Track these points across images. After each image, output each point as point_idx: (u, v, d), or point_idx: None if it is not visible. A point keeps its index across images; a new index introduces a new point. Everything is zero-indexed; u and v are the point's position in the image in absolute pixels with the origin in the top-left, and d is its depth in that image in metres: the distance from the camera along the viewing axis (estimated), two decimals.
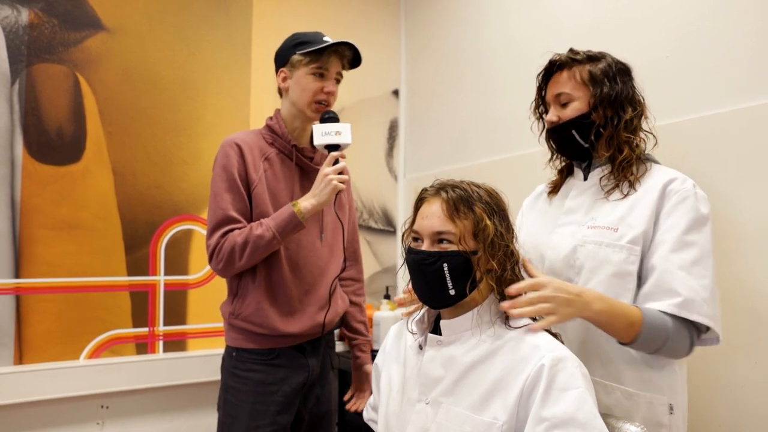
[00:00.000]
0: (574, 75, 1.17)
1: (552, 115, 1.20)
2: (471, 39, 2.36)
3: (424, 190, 1.03)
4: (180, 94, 2.17)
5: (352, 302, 1.67)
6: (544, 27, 2.02)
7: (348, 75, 2.76)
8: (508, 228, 1.00)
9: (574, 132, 1.16)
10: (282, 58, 1.50)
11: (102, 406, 1.96)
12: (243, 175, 1.44)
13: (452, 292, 0.97)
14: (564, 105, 1.18)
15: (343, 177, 1.40)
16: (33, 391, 1.82)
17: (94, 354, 1.97)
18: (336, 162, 1.40)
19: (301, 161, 1.51)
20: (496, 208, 1.00)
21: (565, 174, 1.30)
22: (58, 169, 1.93)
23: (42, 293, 1.89)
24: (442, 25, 2.52)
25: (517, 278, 0.99)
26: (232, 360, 1.48)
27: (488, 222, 0.96)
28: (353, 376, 1.67)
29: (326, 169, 1.39)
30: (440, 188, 1.01)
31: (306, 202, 1.38)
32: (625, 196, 1.13)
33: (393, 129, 2.71)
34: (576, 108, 1.16)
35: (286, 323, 1.44)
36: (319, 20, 2.48)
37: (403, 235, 1.07)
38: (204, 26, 2.22)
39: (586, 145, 1.17)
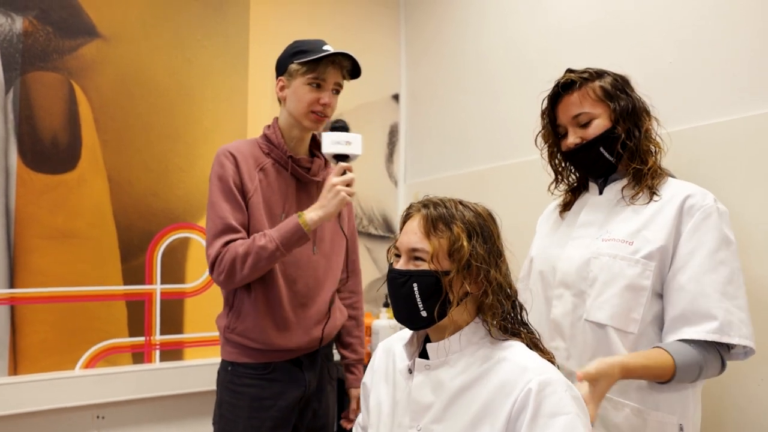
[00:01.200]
0: (588, 93, 1.16)
1: (574, 138, 1.18)
2: (471, 43, 2.32)
3: (411, 206, 1.01)
4: (176, 100, 2.15)
5: (349, 316, 1.63)
6: (544, 31, 1.98)
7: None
8: (492, 252, 0.95)
9: (602, 149, 1.15)
10: (281, 67, 1.47)
11: (98, 417, 1.95)
12: (239, 184, 1.40)
13: (423, 313, 0.93)
14: (585, 125, 1.17)
15: (351, 190, 1.35)
16: (28, 401, 1.80)
17: (90, 364, 1.95)
18: (344, 173, 1.36)
19: (297, 172, 1.48)
20: (480, 229, 0.95)
21: (577, 193, 1.30)
22: (53, 178, 1.91)
23: (37, 303, 1.88)
24: (442, 29, 2.49)
25: (500, 306, 0.95)
26: (227, 374, 1.45)
27: (465, 242, 0.92)
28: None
29: (334, 179, 1.35)
30: (425, 205, 0.98)
31: (312, 214, 1.34)
32: (649, 201, 1.12)
33: (393, 134, 2.68)
34: (600, 125, 1.16)
35: (282, 337, 1.41)
36: (317, 25, 2.45)
37: (388, 251, 1.04)
38: (200, 32, 2.20)
39: (613, 160, 1.16)
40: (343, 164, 1.37)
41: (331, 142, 1.38)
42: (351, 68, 1.47)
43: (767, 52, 1.34)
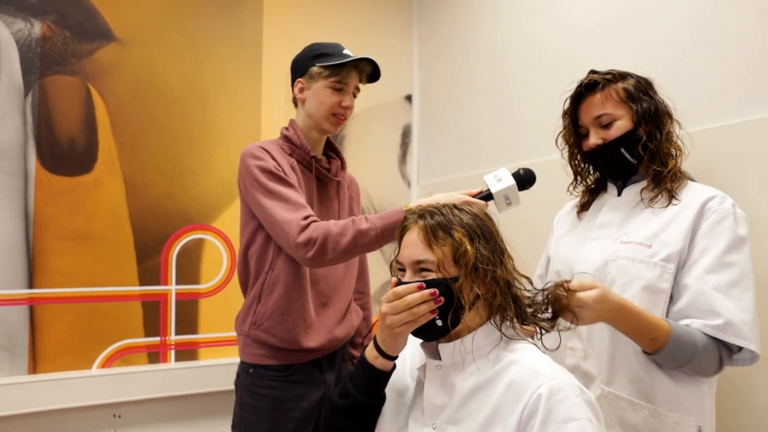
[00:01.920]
0: (611, 94, 1.17)
1: (596, 139, 1.19)
2: (485, 44, 2.31)
3: (406, 218, 1.01)
4: (190, 103, 2.17)
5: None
6: (559, 32, 1.96)
7: None
8: (495, 251, 0.96)
9: (623, 150, 1.16)
10: (300, 68, 1.48)
11: (114, 416, 1.97)
12: (282, 171, 1.38)
13: (439, 322, 0.93)
14: (606, 126, 1.17)
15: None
16: (47, 400, 1.83)
17: (107, 363, 1.98)
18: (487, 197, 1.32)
19: (320, 172, 1.50)
20: (480, 231, 0.95)
21: (594, 194, 1.30)
22: (70, 180, 1.94)
23: (55, 303, 1.91)
24: (456, 31, 2.48)
25: (509, 305, 0.95)
26: (248, 377, 1.45)
27: (468, 246, 0.92)
28: None
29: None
30: (420, 215, 0.98)
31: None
32: (668, 204, 1.12)
33: (406, 135, 2.68)
34: (621, 126, 1.17)
35: (306, 337, 1.42)
36: (330, 27, 2.46)
37: (390, 266, 1.04)
38: (214, 35, 2.22)
39: (635, 162, 1.17)
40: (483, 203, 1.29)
41: (504, 196, 1.31)
42: (370, 73, 1.50)
43: None
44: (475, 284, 0.93)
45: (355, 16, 2.55)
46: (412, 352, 1.09)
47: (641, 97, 1.16)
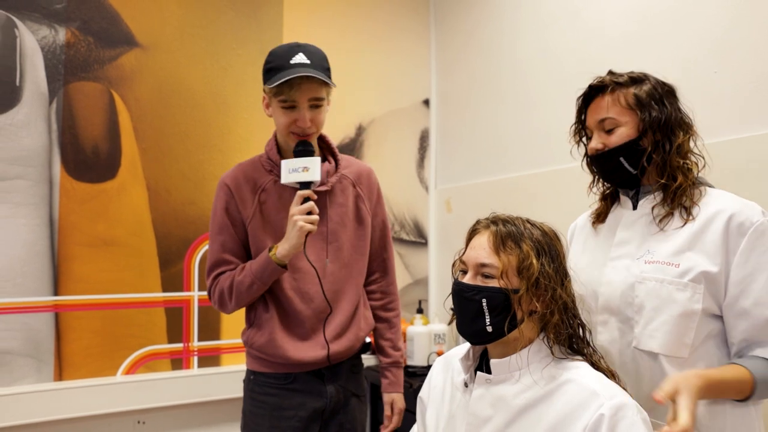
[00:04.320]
0: (619, 99, 1.10)
1: (596, 143, 1.12)
2: (505, 48, 2.31)
3: (478, 222, 1.01)
4: (212, 109, 2.17)
5: (380, 318, 1.58)
6: (582, 38, 1.97)
7: (377, 85, 2.72)
8: (559, 271, 0.96)
9: (622, 159, 1.10)
10: (263, 82, 1.40)
11: (139, 422, 1.97)
12: (235, 214, 1.43)
13: (489, 328, 0.94)
14: (609, 131, 1.11)
15: (312, 218, 1.30)
16: (72, 407, 1.83)
17: (131, 370, 1.98)
18: (306, 200, 1.31)
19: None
20: (548, 248, 0.96)
21: (609, 201, 1.23)
22: (94, 187, 1.94)
23: (80, 310, 1.91)
24: (474, 35, 2.48)
25: (564, 326, 0.94)
26: (250, 383, 1.48)
27: (534, 260, 0.93)
28: None
29: (293, 209, 1.31)
30: (493, 221, 0.98)
31: (281, 248, 1.33)
32: (684, 224, 1.06)
33: (424, 139, 2.68)
34: (623, 134, 1.09)
35: (299, 352, 1.40)
36: (348, 30, 2.46)
37: (453, 264, 1.04)
38: (235, 40, 2.22)
39: (635, 172, 1.11)
40: (301, 192, 1.31)
41: (288, 171, 1.32)
42: (321, 80, 1.34)
43: None
44: (534, 299, 0.93)
45: (373, 21, 2.55)
46: (458, 367, 1.06)
47: (652, 105, 1.08)
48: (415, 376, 2.19)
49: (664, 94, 1.11)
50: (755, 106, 1.44)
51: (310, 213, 1.31)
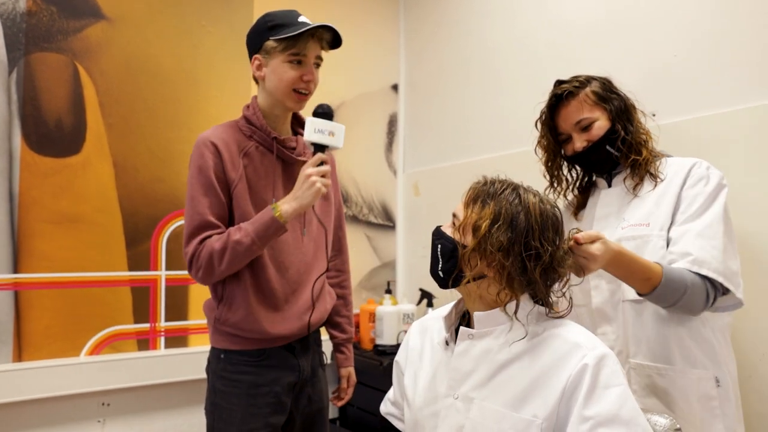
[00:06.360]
0: (585, 100, 1.27)
1: (580, 142, 1.28)
2: (473, 35, 2.37)
3: (483, 178, 1.04)
4: (182, 86, 2.13)
5: (337, 295, 1.59)
6: (547, 23, 2.04)
7: (347, 69, 2.72)
8: (516, 244, 0.92)
9: (608, 147, 1.26)
10: (255, 44, 1.37)
11: (103, 404, 1.92)
12: (221, 175, 1.34)
13: (440, 273, 1.00)
14: (586, 128, 1.27)
15: (327, 180, 1.30)
16: (33, 388, 1.77)
17: (95, 350, 1.93)
18: (321, 164, 1.31)
19: (282, 153, 1.41)
20: (511, 219, 0.93)
21: (584, 192, 1.38)
22: (57, 161, 1.88)
23: (41, 288, 1.84)
24: (443, 22, 2.53)
25: (529, 285, 0.95)
26: (219, 362, 1.40)
27: (486, 223, 0.93)
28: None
29: (310, 170, 1.29)
30: (488, 181, 1.01)
31: (287, 206, 1.29)
32: (655, 186, 1.22)
33: (392, 124, 2.71)
34: (602, 126, 1.26)
35: (276, 326, 1.38)
36: (318, 13, 2.44)
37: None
38: (206, 18, 2.18)
39: (618, 154, 1.26)
40: (321, 155, 1.31)
41: (314, 130, 1.31)
42: (331, 40, 1.38)
43: None
44: (482, 262, 0.94)
45: (343, 5, 2.56)
46: (438, 329, 1.09)
47: (610, 96, 1.26)
48: (385, 354, 2.22)
49: (610, 85, 1.29)
50: (714, 87, 1.54)
51: (324, 176, 1.31)
